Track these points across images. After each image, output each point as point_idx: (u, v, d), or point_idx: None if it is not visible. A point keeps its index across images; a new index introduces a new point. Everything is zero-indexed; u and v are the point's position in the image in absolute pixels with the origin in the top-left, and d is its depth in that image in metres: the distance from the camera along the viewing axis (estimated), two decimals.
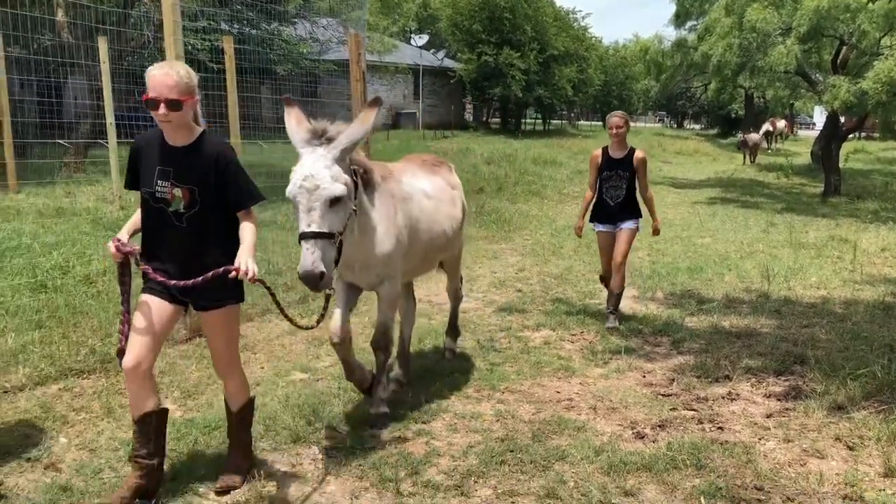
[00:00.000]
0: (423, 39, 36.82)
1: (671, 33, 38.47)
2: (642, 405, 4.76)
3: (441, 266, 5.36)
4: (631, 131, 7.15)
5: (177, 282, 3.25)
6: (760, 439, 4.29)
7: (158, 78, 3.16)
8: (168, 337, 3.73)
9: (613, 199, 6.45)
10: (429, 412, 4.54)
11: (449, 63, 34.72)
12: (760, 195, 18.58)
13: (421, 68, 32.39)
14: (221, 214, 3.37)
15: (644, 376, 5.34)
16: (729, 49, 16.92)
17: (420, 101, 33.01)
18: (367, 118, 3.61)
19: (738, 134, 33.94)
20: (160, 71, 3.19)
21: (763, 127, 32.52)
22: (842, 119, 18.51)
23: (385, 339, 4.40)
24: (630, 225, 6.45)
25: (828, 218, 14.18)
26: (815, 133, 31.59)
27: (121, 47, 10.84)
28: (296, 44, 20.25)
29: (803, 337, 6.20)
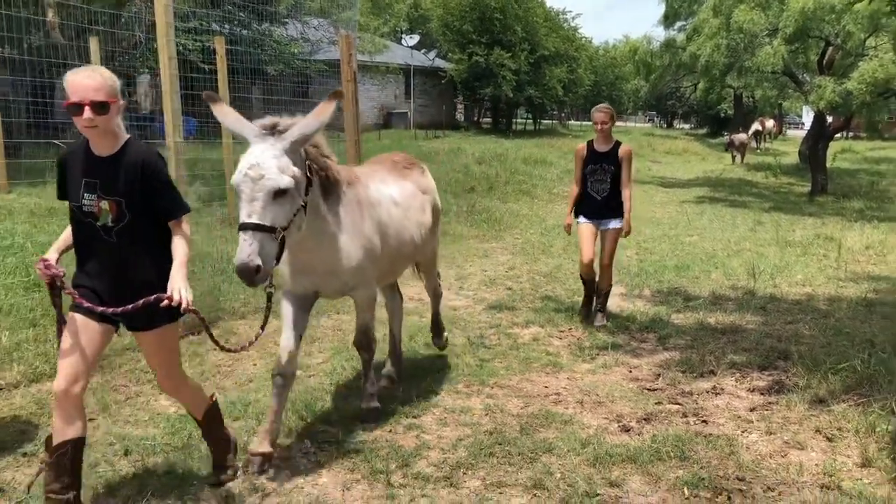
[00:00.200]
0: (415, 40, 36.80)
1: (660, 34, 38.63)
2: (628, 399, 4.86)
3: (417, 267, 5.31)
4: (621, 131, 7.23)
5: (104, 308, 3.08)
6: (743, 432, 4.39)
7: (81, 81, 2.95)
8: (101, 357, 3.45)
9: (599, 193, 6.41)
10: (419, 407, 4.62)
11: (440, 63, 34.80)
12: (748, 194, 18.76)
13: (412, 68, 32.45)
14: (152, 227, 3.18)
15: (630, 371, 5.44)
16: (717, 49, 17.11)
17: (411, 101, 33.08)
18: (323, 111, 3.43)
19: (725, 134, 34.17)
20: (82, 74, 2.98)
21: (752, 126, 32.78)
22: (829, 119, 18.71)
23: (367, 339, 4.38)
24: (616, 225, 6.45)
25: (814, 217, 14.35)
26: (804, 132, 31.81)
27: (112, 48, 10.88)
28: (287, 44, 20.31)
29: (787, 333, 6.31)
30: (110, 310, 3.08)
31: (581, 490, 3.61)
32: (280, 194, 3.25)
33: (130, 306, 3.04)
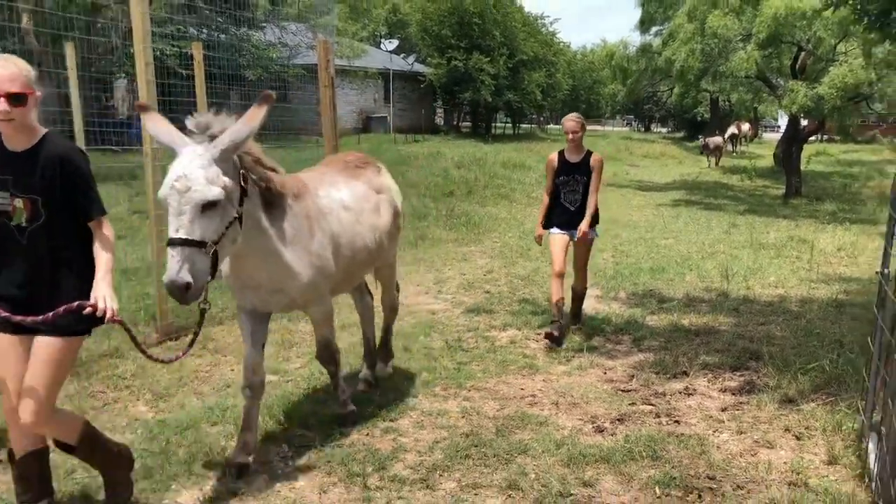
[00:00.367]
0: (394, 44, 36.91)
1: (637, 39, 39.03)
2: (602, 400, 4.94)
3: (374, 274, 5.10)
4: (600, 136, 7.25)
5: (23, 318, 2.87)
6: (714, 431, 4.48)
7: None
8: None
9: (572, 204, 6.30)
10: (396, 410, 4.67)
11: (419, 67, 34.90)
12: (724, 197, 18.99)
13: (391, 72, 32.51)
14: (72, 228, 3.01)
15: (605, 373, 5.52)
16: (691, 54, 17.32)
17: (391, 105, 33.13)
18: (255, 116, 3.21)
19: (700, 138, 34.53)
20: None
21: (728, 130, 33.15)
22: (803, 122, 18.99)
23: (328, 353, 4.30)
24: (590, 235, 6.33)
25: (788, 219, 14.56)
26: (780, 135, 32.25)
27: (88, 54, 10.83)
28: (265, 49, 20.28)
29: (759, 334, 6.43)
30: (29, 319, 2.88)
31: (555, 490, 3.68)
32: (209, 206, 3.06)
33: (51, 314, 2.85)
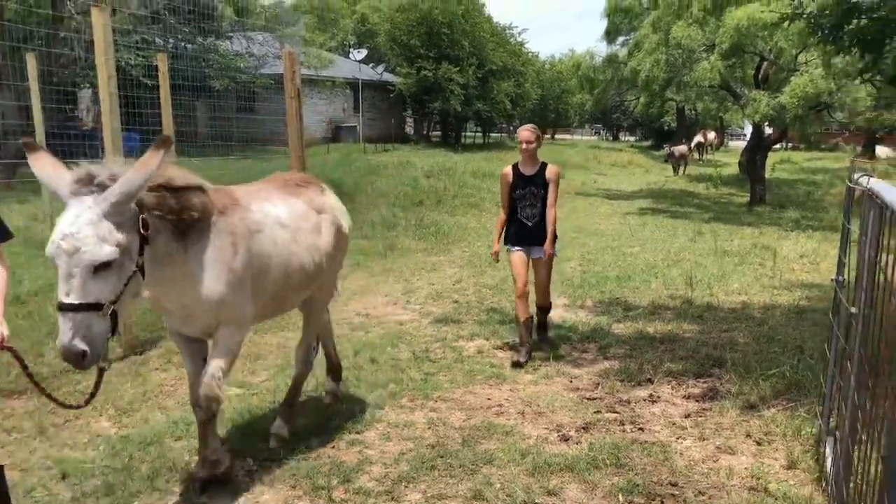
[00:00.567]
0: (362, 54, 36.83)
1: (603, 49, 39.47)
2: (568, 409, 4.98)
3: (302, 309, 4.61)
4: (567, 145, 7.27)
5: None
6: (678, 438, 4.54)
7: None
8: None
9: (530, 219, 6.04)
10: (362, 422, 4.67)
11: (388, 77, 34.93)
12: (690, 205, 19.23)
13: (360, 82, 32.48)
14: None
15: (571, 381, 5.57)
16: (656, 65, 17.59)
17: (360, 115, 33.09)
18: (149, 162, 2.90)
19: (666, 147, 35.00)
20: None
21: (695, 138, 33.66)
22: (768, 130, 19.33)
23: (209, 398, 3.61)
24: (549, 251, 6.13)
25: (752, 227, 14.79)
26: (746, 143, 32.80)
27: (49, 66, 10.69)
28: (232, 59, 20.17)
29: (722, 341, 6.53)
30: None
31: (520, 499, 3.70)
32: (102, 267, 2.80)
33: None
